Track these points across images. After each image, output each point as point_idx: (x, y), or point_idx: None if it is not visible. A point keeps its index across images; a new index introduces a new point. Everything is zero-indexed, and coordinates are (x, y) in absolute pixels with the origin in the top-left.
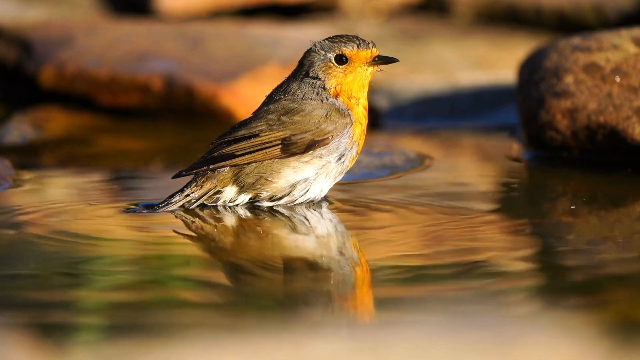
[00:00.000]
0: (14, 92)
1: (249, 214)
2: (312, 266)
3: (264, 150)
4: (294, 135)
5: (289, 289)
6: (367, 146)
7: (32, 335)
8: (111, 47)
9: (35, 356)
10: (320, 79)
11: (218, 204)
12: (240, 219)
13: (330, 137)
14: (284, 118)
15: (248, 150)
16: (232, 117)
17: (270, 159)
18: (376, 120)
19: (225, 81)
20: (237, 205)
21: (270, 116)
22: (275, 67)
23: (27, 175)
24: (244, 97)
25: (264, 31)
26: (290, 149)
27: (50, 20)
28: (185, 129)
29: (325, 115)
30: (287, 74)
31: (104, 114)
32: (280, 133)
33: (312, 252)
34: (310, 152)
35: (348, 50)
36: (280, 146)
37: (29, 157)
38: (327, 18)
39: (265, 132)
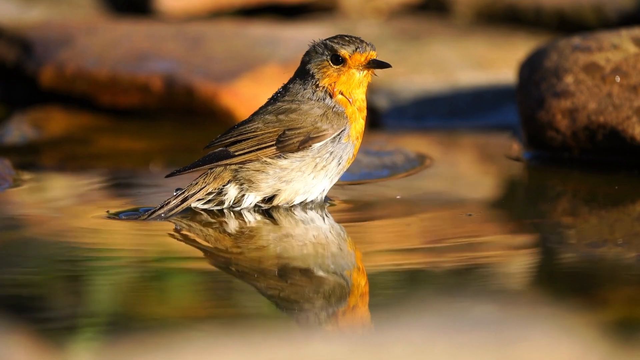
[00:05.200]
0: (14, 92)
1: (249, 216)
2: (311, 267)
3: (260, 151)
4: (288, 130)
5: (289, 290)
6: (367, 146)
7: (32, 335)
8: (111, 47)
9: (35, 356)
10: (314, 77)
11: (224, 207)
12: (240, 221)
13: (325, 135)
14: (281, 117)
15: (246, 150)
16: (232, 117)
17: (267, 158)
18: (376, 120)
19: (225, 81)
20: (240, 208)
21: (267, 116)
22: (275, 67)
23: (27, 175)
24: (244, 97)
25: (264, 31)
26: (286, 146)
27: (50, 20)
28: (185, 129)
29: (322, 114)
30: (287, 74)
31: (104, 114)
32: (276, 129)
33: (311, 253)
34: (305, 149)
35: (344, 51)
36: (275, 144)
37: (29, 157)
38: (327, 18)
39: (261, 130)
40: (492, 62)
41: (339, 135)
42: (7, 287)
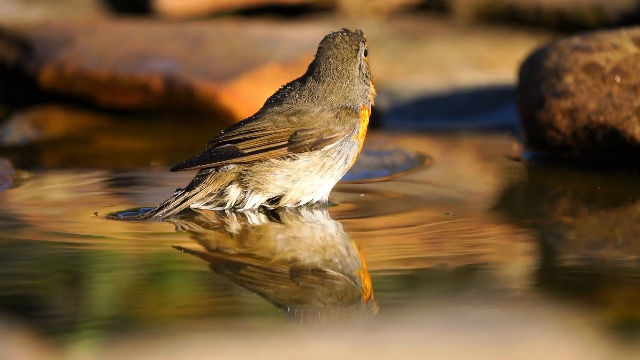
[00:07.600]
0: (14, 92)
1: (252, 217)
2: (312, 267)
3: (272, 150)
4: (300, 131)
5: (289, 290)
6: (367, 146)
7: (32, 335)
8: (111, 47)
9: (35, 356)
10: (367, 75)
11: (225, 208)
12: (241, 221)
13: (338, 136)
14: (292, 118)
15: (256, 149)
16: (232, 117)
17: (276, 158)
18: (376, 120)
19: (225, 81)
20: (243, 209)
21: (276, 117)
22: (275, 67)
23: (27, 175)
24: (244, 97)
25: (264, 31)
26: (297, 147)
27: (50, 20)
28: (185, 129)
29: (335, 116)
30: (287, 74)
31: (104, 114)
32: (287, 129)
33: (312, 253)
34: (316, 150)
35: (366, 43)
36: (287, 144)
37: (29, 157)
38: (327, 18)
39: (271, 129)
40: (492, 62)
41: (349, 134)
42: (7, 287)
